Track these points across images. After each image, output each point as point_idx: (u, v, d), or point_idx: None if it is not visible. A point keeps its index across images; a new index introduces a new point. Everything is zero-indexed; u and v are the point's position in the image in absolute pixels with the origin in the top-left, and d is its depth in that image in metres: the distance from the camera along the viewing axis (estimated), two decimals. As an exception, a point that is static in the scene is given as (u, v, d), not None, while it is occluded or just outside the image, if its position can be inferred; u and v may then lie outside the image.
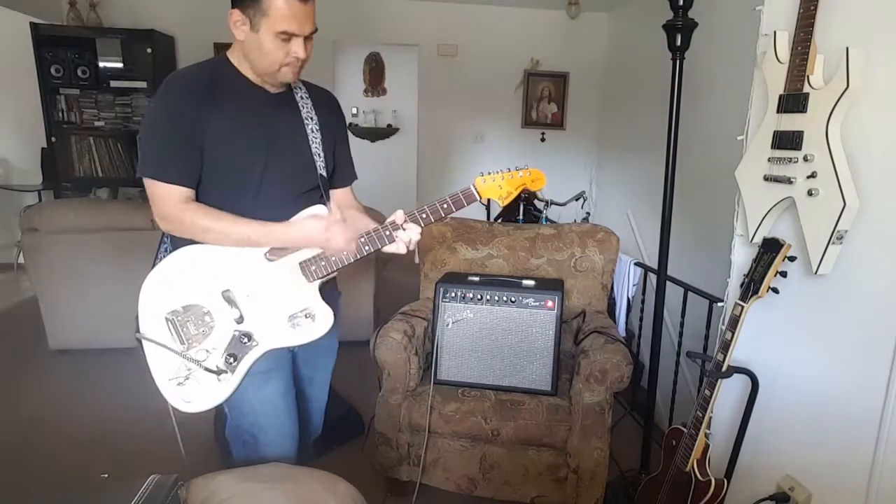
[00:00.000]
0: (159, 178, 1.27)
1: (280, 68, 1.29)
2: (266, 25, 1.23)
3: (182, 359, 1.30)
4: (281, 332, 1.35)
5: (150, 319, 1.32)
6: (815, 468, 1.46)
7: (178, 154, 1.27)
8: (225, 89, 1.31)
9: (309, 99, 1.44)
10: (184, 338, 1.31)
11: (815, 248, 1.33)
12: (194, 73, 1.33)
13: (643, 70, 4.33)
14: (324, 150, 1.44)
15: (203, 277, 1.32)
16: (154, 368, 1.32)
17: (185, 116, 1.26)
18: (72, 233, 3.02)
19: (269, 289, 1.34)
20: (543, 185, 1.35)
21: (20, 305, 4.14)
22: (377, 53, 6.56)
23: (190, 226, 1.29)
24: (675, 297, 2.40)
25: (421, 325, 2.12)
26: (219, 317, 1.32)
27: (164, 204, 1.28)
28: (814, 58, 1.32)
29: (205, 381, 1.31)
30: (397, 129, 6.63)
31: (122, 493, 1.05)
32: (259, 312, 1.34)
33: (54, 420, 2.55)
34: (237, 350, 1.32)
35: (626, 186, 4.76)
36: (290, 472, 1.27)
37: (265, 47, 1.25)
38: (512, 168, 1.34)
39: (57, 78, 4.43)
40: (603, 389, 1.85)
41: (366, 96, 6.64)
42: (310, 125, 1.42)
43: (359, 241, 1.33)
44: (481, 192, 1.32)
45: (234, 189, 1.33)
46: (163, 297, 1.32)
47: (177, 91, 1.29)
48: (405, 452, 2.02)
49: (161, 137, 1.29)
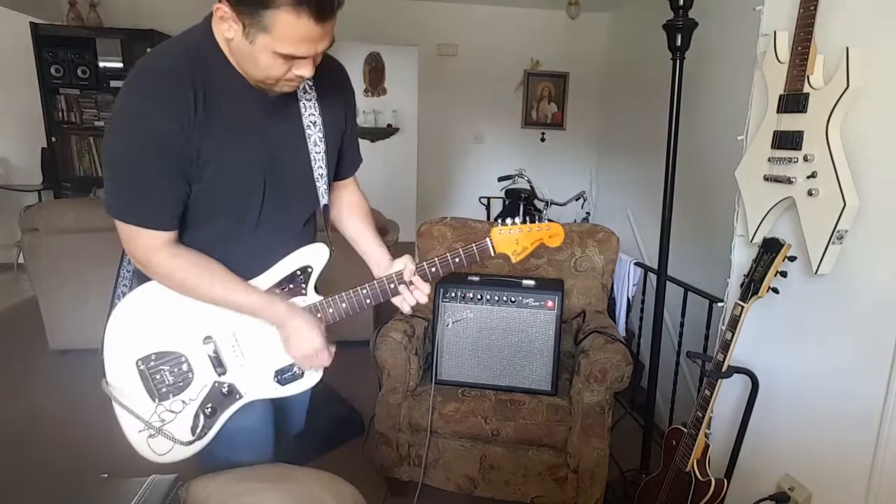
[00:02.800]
0: (132, 222, 1.03)
1: (277, 83, 1.03)
2: (264, 42, 0.94)
3: (155, 410, 1.16)
4: (266, 387, 1.22)
5: (118, 364, 1.15)
6: (815, 468, 1.46)
7: (157, 192, 1.02)
8: (215, 90, 1.02)
9: (313, 88, 1.17)
10: (157, 388, 1.15)
11: (815, 248, 1.33)
12: (174, 68, 1.00)
13: (643, 70, 4.32)
14: (328, 162, 1.21)
15: (180, 319, 1.15)
16: (122, 419, 1.17)
17: (165, 140, 0.98)
18: (72, 233, 3.02)
19: (256, 338, 1.19)
20: (560, 242, 1.28)
21: (20, 305, 4.14)
22: (377, 53, 6.56)
23: (165, 277, 1.10)
24: (675, 297, 2.40)
25: (421, 325, 2.12)
26: (198, 367, 1.17)
27: (139, 251, 1.07)
28: (814, 58, 1.32)
29: (180, 433, 1.17)
30: (397, 129, 6.64)
31: (122, 493, 1.05)
32: (244, 364, 1.20)
33: (54, 420, 2.55)
34: (217, 402, 1.18)
35: (626, 186, 4.76)
36: (290, 472, 1.27)
37: (260, 63, 0.98)
38: (530, 220, 1.25)
39: (57, 78, 4.42)
40: (603, 389, 1.85)
41: (366, 96, 6.64)
42: (313, 135, 1.17)
43: (360, 293, 1.20)
44: (496, 247, 1.23)
45: (226, 226, 1.13)
46: (132, 339, 1.14)
47: (151, 102, 0.98)
48: (405, 452, 2.02)
49: (133, 168, 1.00)
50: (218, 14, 0.96)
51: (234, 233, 1.14)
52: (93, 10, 4.52)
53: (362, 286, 1.21)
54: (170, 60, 1.03)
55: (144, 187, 1.02)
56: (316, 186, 1.21)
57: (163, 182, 1.02)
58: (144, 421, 1.15)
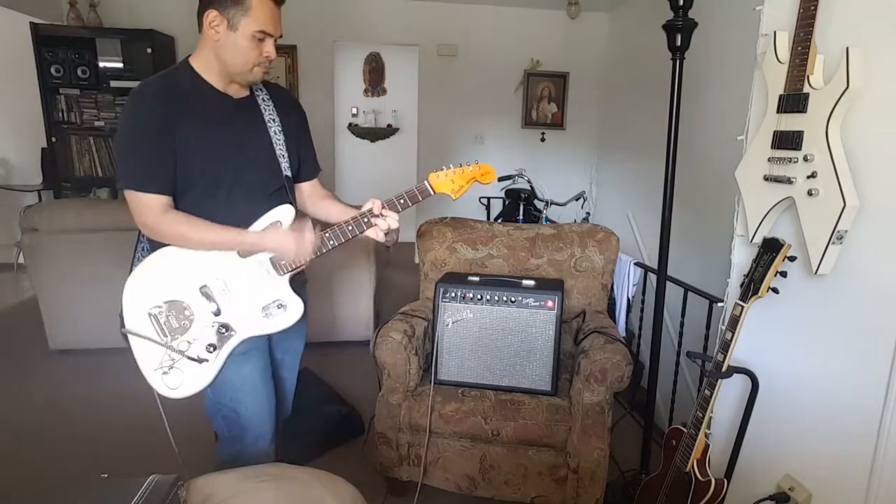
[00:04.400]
0: (140, 189, 1.34)
1: (252, 68, 1.37)
2: (245, 24, 1.31)
3: (166, 349, 1.40)
4: (256, 322, 1.45)
5: (134, 316, 1.41)
6: (815, 468, 1.46)
7: (155, 165, 1.34)
8: (191, 98, 1.38)
9: (270, 101, 1.52)
10: (166, 331, 1.40)
11: (815, 248, 1.33)
12: (160, 84, 1.39)
13: (643, 70, 4.33)
14: (287, 150, 1.52)
15: (181, 275, 1.42)
16: (140, 360, 1.41)
17: (156, 127, 1.33)
18: (72, 233, 3.02)
19: (242, 283, 1.44)
20: (493, 178, 1.50)
21: (20, 305, 4.14)
22: (377, 53, 6.56)
23: (170, 234, 1.38)
24: (675, 297, 2.40)
25: (421, 325, 2.12)
26: (198, 310, 1.41)
27: (144, 214, 1.36)
28: (814, 58, 1.32)
29: (188, 368, 1.41)
30: (397, 129, 6.63)
31: (122, 493, 1.05)
32: (235, 305, 1.43)
33: (54, 420, 2.55)
34: (216, 340, 1.42)
35: (626, 186, 4.76)
36: (290, 472, 1.27)
37: (241, 46, 1.33)
38: (463, 164, 1.48)
39: (57, 78, 4.42)
40: (603, 389, 1.85)
41: (366, 96, 6.64)
42: (272, 127, 1.50)
43: (343, 225, 1.44)
44: (434, 188, 1.47)
45: (206, 193, 1.41)
46: (145, 294, 1.41)
47: (146, 103, 1.35)
48: (405, 452, 2.02)
49: (137, 150, 1.35)
50: (207, 20, 1.32)
51: (213, 196, 1.41)
52: (93, 10, 4.52)
53: (338, 223, 1.45)
54: (157, 80, 1.41)
55: (147, 163, 1.34)
56: (279, 162, 1.50)
57: (160, 158, 1.34)
58: (161, 344, 1.39)
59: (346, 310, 3.30)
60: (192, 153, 1.36)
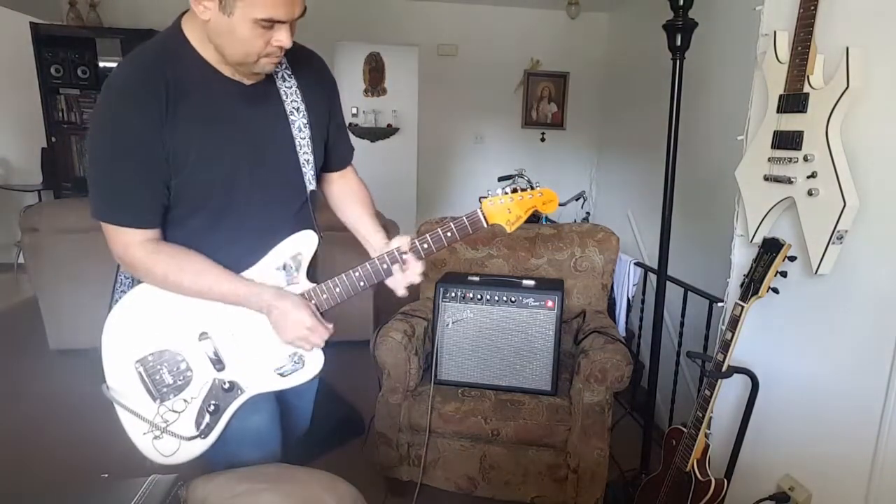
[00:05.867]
0: (111, 221, 1.06)
1: (258, 59, 1.02)
2: (242, 9, 0.94)
3: (157, 414, 1.16)
4: (267, 379, 1.20)
5: (116, 368, 1.15)
6: (815, 468, 1.46)
7: (134, 192, 1.04)
8: (186, 87, 1.03)
9: (293, 77, 1.16)
10: (157, 389, 1.15)
11: (816, 248, 1.33)
12: (143, 71, 1.03)
13: (643, 70, 4.32)
14: (314, 149, 1.20)
15: (175, 318, 1.14)
16: (126, 422, 1.17)
17: (138, 142, 1.01)
18: (72, 233, 3.01)
19: (251, 331, 1.17)
20: (556, 207, 1.23)
21: (20, 305, 4.14)
22: (377, 53, 6.54)
23: (156, 278, 1.10)
24: (675, 297, 2.40)
25: (421, 325, 2.12)
26: (196, 364, 1.16)
27: (122, 250, 1.08)
28: (814, 58, 1.32)
29: (185, 431, 1.16)
30: (397, 129, 6.62)
31: (122, 493, 1.05)
32: (242, 357, 1.18)
33: (54, 420, 2.55)
34: (219, 399, 1.16)
35: (626, 186, 4.76)
36: (290, 472, 1.27)
37: (239, 35, 0.97)
38: (520, 188, 1.20)
39: (57, 78, 4.43)
40: (603, 389, 1.85)
41: (366, 96, 6.62)
42: (296, 121, 1.16)
43: (353, 276, 1.20)
44: (489, 217, 1.18)
45: (209, 219, 1.12)
46: (129, 341, 1.14)
47: (123, 106, 1.01)
48: (405, 452, 2.02)
49: (109, 172, 1.04)
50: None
51: (220, 225, 1.13)
52: (93, 10, 4.52)
53: (354, 269, 1.20)
54: (138, 64, 1.04)
55: (120, 188, 1.05)
56: (302, 173, 1.20)
57: (137, 182, 1.04)
58: (147, 421, 1.14)
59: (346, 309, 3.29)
60: (190, 170, 1.06)
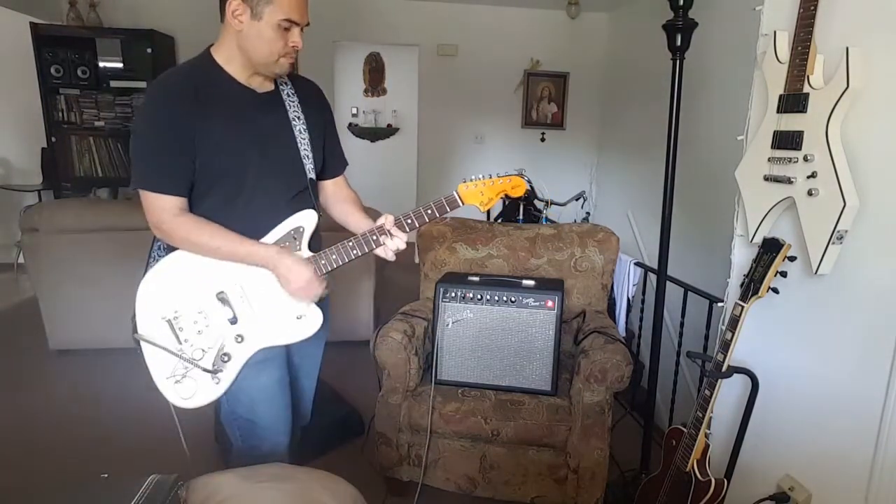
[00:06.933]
0: (154, 189, 1.29)
1: (279, 59, 1.31)
2: (269, 13, 1.25)
3: (179, 358, 1.34)
4: (272, 332, 1.40)
5: (147, 320, 1.35)
6: (815, 468, 1.46)
7: (170, 164, 1.29)
8: (212, 92, 1.32)
9: (295, 95, 1.45)
10: (180, 338, 1.35)
11: (815, 248, 1.33)
12: (180, 77, 1.33)
13: (643, 70, 4.33)
14: (312, 148, 1.45)
15: (198, 280, 1.36)
16: (152, 368, 1.36)
17: (174, 125, 1.27)
18: (72, 233, 3.02)
19: (262, 291, 1.38)
20: (523, 192, 1.42)
21: (20, 305, 4.14)
22: (377, 53, 6.56)
23: (181, 238, 1.33)
24: (675, 297, 2.40)
25: (421, 325, 2.12)
26: (213, 317, 1.36)
27: (157, 215, 1.31)
28: (814, 58, 1.32)
29: (201, 378, 1.36)
30: (397, 129, 6.64)
31: (122, 493, 1.05)
32: (252, 313, 1.38)
33: (54, 420, 2.55)
34: (231, 349, 1.37)
35: (626, 186, 4.76)
36: (290, 472, 1.27)
37: (266, 36, 1.27)
38: (494, 175, 1.40)
39: (57, 78, 4.42)
40: (603, 389, 1.85)
41: (366, 96, 6.64)
42: (297, 125, 1.43)
43: (347, 245, 1.38)
44: (464, 199, 1.39)
45: (225, 196, 1.35)
46: (159, 298, 1.36)
47: (164, 98, 1.30)
48: (405, 452, 2.02)
49: (152, 148, 1.30)
50: (230, 9, 1.26)
51: (234, 202, 1.36)
52: (93, 10, 4.52)
53: (348, 239, 1.39)
54: (177, 73, 1.36)
55: (159, 160, 1.30)
56: (303, 164, 1.44)
57: (173, 155, 1.28)
58: (175, 353, 1.34)
59: (346, 310, 3.30)
60: (211, 155, 1.30)
